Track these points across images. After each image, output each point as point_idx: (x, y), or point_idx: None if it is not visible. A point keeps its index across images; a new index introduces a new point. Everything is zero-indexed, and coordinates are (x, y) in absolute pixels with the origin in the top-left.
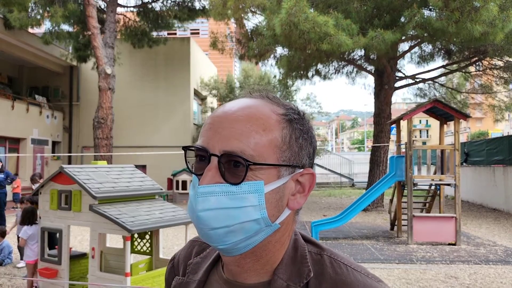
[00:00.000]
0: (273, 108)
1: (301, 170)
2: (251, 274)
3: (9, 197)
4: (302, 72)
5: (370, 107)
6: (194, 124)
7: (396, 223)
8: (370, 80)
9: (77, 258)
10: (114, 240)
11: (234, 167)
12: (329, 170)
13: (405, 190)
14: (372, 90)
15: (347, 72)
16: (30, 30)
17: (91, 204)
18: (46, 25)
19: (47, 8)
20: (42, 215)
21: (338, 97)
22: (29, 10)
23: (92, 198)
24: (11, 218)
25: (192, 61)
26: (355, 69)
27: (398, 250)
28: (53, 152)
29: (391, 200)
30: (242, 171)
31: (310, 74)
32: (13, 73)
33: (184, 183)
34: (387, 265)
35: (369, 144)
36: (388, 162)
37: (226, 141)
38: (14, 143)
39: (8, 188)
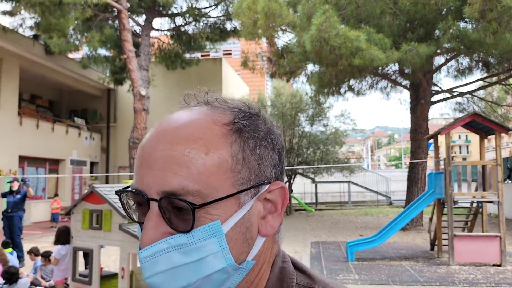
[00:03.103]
0: (215, 118)
1: (267, 186)
2: None
3: (47, 217)
4: (334, 88)
5: (407, 123)
6: None
7: (436, 243)
8: (406, 95)
9: (108, 278)
10: None
11: (179, 211)
12: (365, 188)
13: (445, 208)
14: (408, 105)
15: (381, 87)
16: (69, 55)
17: (121, 223)
18: (84, 50)
19: (85, 34)
20: (74, 235)
21: (373, 113)
22: (68, 36)
23: (122, 217)
24: (49, 237)
25: (224, 81)
26: (389, 84)
27: (439, 271)
28: (91, 172)
29: (431, 219)
30: (189, 214)
31: (342, 90)
32: (53, 97)
33: None
34: (428, 287)
35: (406, 160)
36: (427, 179)
37: (162, 179)
38: (54, 164)
39: (44, 208)
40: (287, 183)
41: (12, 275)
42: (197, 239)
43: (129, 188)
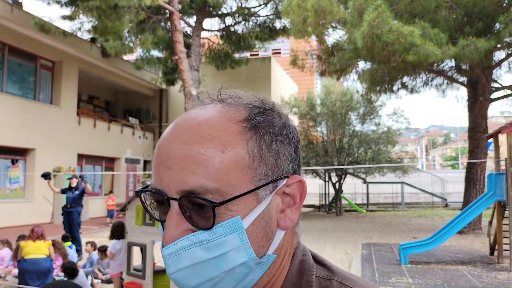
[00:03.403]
0: (230, 116)
1: (285, 180)
2: None
3: (104, 213)
4: (386, 86)
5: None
6: None
7: (496, 248)
8: (463, 92)
9: (161, 273)
10: None
11: (200, 209)
12: (420, 189)
13: (506, 211)
14: (466, 103)
15: (436, 85)
16: (124, 57)
17: None
18: (138, 52)
19: (139, 36)
20: (128, 230)
21: (427, 112)
22: (123, 38)
23: None
24: (105, 233)
25: (273, 80)
26: (445, 81)
27: (499, 277)
28: (144, 170)
29: (490, 222)
30: (210, 212)
31: (395, 87)
32: (109, 97)
33: None
34: None
35: (463, 161)
36: (486, 180)
37: (180, 178)
38: (109, 162)
39: (101, 204)
40: (337, 183)
41: (73, 271)
42: (219, 235)
43: (149, 188)
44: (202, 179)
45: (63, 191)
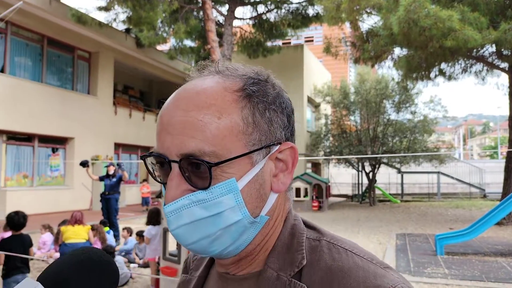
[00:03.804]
0: (226, 85)
1: (278, 146)
2: (243, 266)
3: (140, 200)
4: (423, 73)
5: (504, 110)
6: (307, 131)
7: None
8: (504, 79)
9: None
10: None
11: (197, 170)
12: (457, 179)
13: None
14: (507, 90)
15: (475, 71)
16: (158, 47)
17: None
18: (171, 42)
19: (172, 26)
20: (163, 217)
21: (466, 100)
22: (157, 28)
23: None
24: (141, 219)
25: (306, 68)
26: (485, 67)
27: None
28: None
29: None
30: (206, 173)
31: (432, 74)
32: (144, 87)
33: (298, 190)
34: None
35: (503, 150)
36: None
37: (180, 143)
38: (144, 151)
39: (137, 192)
40: (371, 173)
41: (111, 255)
42: (215, 195)
43: (153, 153)
44: (200, 143)
45: (101, 179)
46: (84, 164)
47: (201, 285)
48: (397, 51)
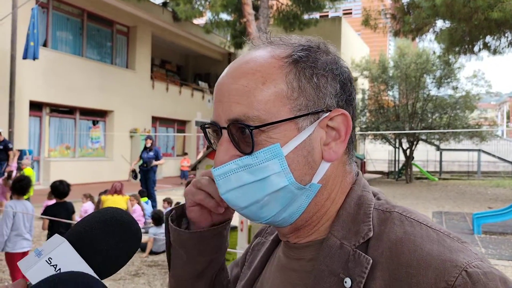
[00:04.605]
0: (275, 54)
1: (328, 113)
2: (302, 236)
3: (176, 173)
4: (466, 46)
5: None
6: None
7: None
8: None
9: (230, 230)
10: None
11: (243, 135)
12: (498, 157)
13: None
14: None
15: None
16: (194, 21)
17: None
18: (207, 15)
19: None
20: None
21: (511, 75)
22: (193, 2)
23: None
24: (178, 191)
25: (343, 42)
26: None
27: None
28: None
29: None
30: (250, 137)
31: (476, 48)
32: (180, 62)
33: None
34: None
35: None
36: None
37: (228, 109)
38: (181, 125)
39: (174, 165)
40: (408, 150)
41: (160, 219)
42: (261, 160)
43: (210, 121)
44: (244, 108)
45: (140, 157)
46: (135, 177)
47: (273, 249)
48: (440, 24)
